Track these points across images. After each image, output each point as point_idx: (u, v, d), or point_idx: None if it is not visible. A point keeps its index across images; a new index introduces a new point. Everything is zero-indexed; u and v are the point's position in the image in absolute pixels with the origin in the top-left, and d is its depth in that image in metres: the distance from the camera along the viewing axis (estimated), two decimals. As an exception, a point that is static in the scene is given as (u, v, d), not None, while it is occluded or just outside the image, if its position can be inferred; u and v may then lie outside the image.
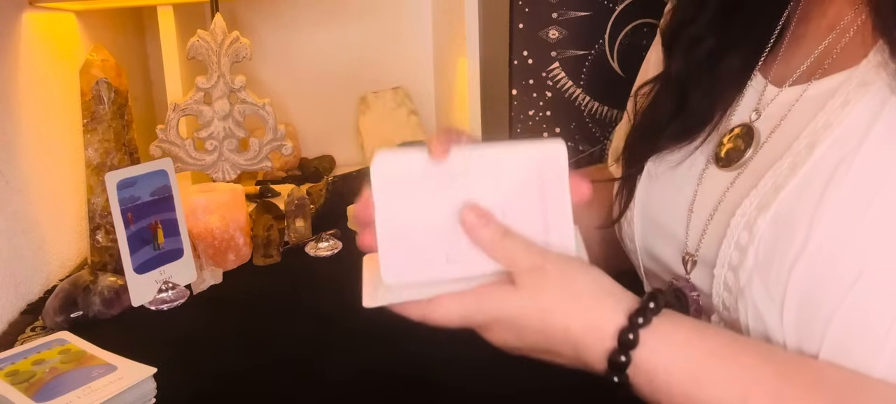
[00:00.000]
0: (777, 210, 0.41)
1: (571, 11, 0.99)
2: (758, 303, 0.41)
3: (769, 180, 0.42)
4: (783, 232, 0.40)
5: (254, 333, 0.71)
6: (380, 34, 1.43)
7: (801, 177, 0.40)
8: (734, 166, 0.47)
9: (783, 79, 0.48)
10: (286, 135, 0.97)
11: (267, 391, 0.61)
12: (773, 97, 0.48)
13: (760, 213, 0.42)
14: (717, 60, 0.51)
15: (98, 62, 0.80)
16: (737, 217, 0.43)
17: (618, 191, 0.57)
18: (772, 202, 0.41)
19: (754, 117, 0.48)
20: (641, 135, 0.56)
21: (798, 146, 0.42)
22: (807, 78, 0.46)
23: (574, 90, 1.02)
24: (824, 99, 0.42)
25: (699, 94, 0.52)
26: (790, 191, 0.41)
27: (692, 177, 0.50)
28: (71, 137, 0.94)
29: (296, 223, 0.94)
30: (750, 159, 0.46)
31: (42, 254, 0.85)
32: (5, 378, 0.57)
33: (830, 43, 0.46)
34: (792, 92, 0.46)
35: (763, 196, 0.42)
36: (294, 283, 0.84)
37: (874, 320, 0.36)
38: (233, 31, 0.93)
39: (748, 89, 0.50)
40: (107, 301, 0.74)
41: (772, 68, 0.50)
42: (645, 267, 0.55)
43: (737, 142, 0.48)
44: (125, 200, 0.74)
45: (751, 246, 0.42)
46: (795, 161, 0.41)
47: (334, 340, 0.68)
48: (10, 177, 0.79)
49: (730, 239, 0.43)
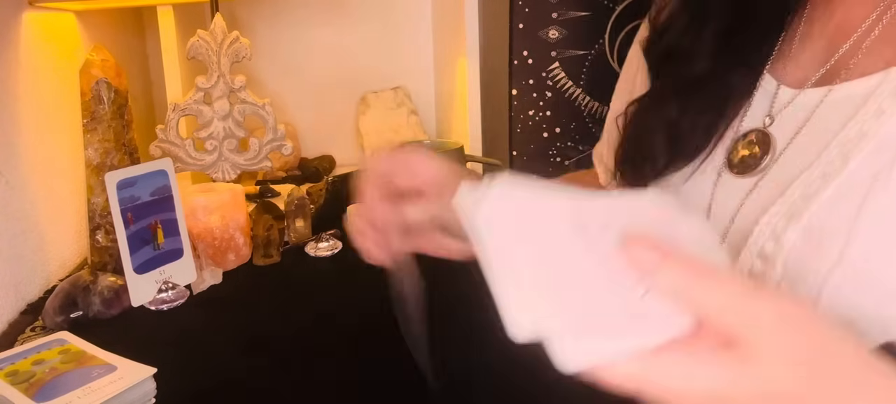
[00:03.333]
0: (809, 221, 0.40)
1: (571, 11, 0.99)
2: None
3: (797, 189, 0.41)
4: (816, 244, 0.39)
5: (254, 333, 0.71)
6: (380, 34, 1.43)
7: (836, 188, 0.39)
8: (752, 173, 0.45)
9: (797, 80, 0.47)
10: (286, 135, 0.97)
11: (267, 391, 0.61)
12: (788, 100, 0.46)
13: (789, 223, 0.41)
14: (720, 80, 0.49)
15: (98, 62, 0.80)
16: (761, 225, 0.42)
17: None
18: (802, 212, 0.40)
19: (768, 123, 0.46)
20: (635, 156, 0.54)
21: (829, 155, 0.41)
22: (827, 81, 0.44)
23: (574, 90, 1.02)
24: (852, 104, 0.41)
25: (699, 112, 0.50)
26: (824, 202, 0.39)
27: (704, 187, 0.49)
28: (71, 137, 0.94)
29: (296, 223, 0.94)
30: (769, 166, 0.45)
31: (42, 254, 0.85)
32: (5, 378, 0.57)
33: (853, 44, 0.44)
34: (811, 95, 0.45)
35: (791, 205, 0.41)
36: (294, 283, 0.84)
37: None
38: (233, 31, 0.93)
39: (757, 93, 0.49)
40: (107, 301, 0.74)
41: (781, 69, 0.48)
42: None
43: (752, 149, 0.46)
44: (125, 200, 0.74)
45: (779, 256, 0.41)
46: (827, 171, 0.40)
47: (334, 340, 0.68)
48: (10, 177, 0.79)
49: (752, 247, 0.42)
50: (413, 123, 1.42)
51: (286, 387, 0.61)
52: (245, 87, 0.95)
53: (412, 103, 1.44)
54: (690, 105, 0.50)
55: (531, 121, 1.03)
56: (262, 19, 1.38)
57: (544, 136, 1.03)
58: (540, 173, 1.05)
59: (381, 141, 1.41)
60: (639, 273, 0.31)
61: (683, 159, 0.50)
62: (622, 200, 0.34)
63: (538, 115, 1.03)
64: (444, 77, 1.38)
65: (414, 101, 1.45)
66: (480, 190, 0.32)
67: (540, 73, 1.01)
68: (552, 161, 1.04)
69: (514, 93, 1.02)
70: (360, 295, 0.80)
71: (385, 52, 1.44)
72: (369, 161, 0.49)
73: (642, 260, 0.30)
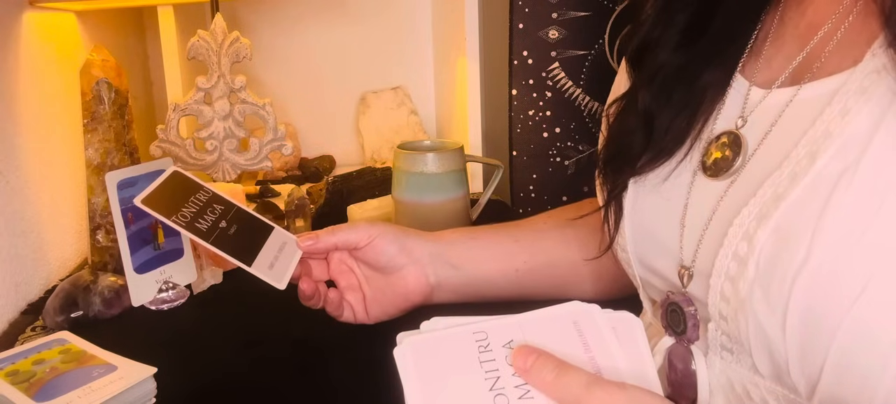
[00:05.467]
0: (778, 221, 0.40)
1: (571, 11, 0.99)
2: (759, 315, 0.40)
3: (768, 190, 0.41)
4: (784, 243, 0.39)
5: (254, 333, 0.71)
6: (380, 34, 1.43)
7: (804, 187, 0.39)
8: (725, 175, 0.46)
9: (767, 81, 0.47)
10: (286, 135, 0.97)
11: (267, 390, 0.61)
12: (759, 100, 0.46)
13: (760, 224, 0.41)
14: (693, 77, 0.50)
15: (98, 62, 0.80)
16: (735, 227, 0.42)
17: (605, 214, 0.55)
18: (772, 213, 0.40)
19: (740, 124, 0.46)
20: (615, 155, 0.54)
21: (797, 154, 0.41)
22: (795, 80, 0.45)
23: (574, 90, 1.02)
24: (819, 103, 0.41)
25: (673, 112, 0.50)
26: (792, 202, 0.40)
27: (681, 188, 0.49)
28: (71, 137, 0.94)
29: (296, 223, 0.94)
30: (741, 167, 0.45)
31: (42, 254, 0.86)
32: (5, 378, 0.57)
33: (818, 43, 0.44)
34: (780, 95, 0.45)
35: (762, 206, 0.41)
36: (294, 283, 0.84)
37: (879, 334, 0.36)
38: (233, 32, 0.93)
39: (730, 93, 0.49)
40: (107, 301, 0.74)
41: (753, 70, 0.49)
42: (640, 276, 0.54)
43: (724, 151, 0.46)
44: (125, 200, 0.74)
45: (751, 257, 0.41)
46: (796, 170, 0.40)
47: (334, 340, 0.68)
48: (10, 177, 0.79)
49: (727, 249, 0.42)
50: (413, 123, 1.42)
51: (286, 387, 0.61)
52: (245, 87, 0.95)
53: (412, 103, 1.44)
54: (665, 103, 0.50)
55: (531, 121, 1.03)
56: (262, 19, 1.38)
57: (544, 136, 1.03)
58: (540, 173, 1.05)
59: (381, 141, 1.41)
60: (521, 376, 0.38)
61: (661, 157, 0.50)
62: (532, 315, 0.42)
63: (538, 115, 1.03)
64: (444, 77, 1.38)
65: (414, 101, 1.45)
66: (407, 334, 0.41)
67: (540, 73, 1.01)
68: (552, 161, 1.04)
69: (514, 93, 1.02)
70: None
71: (385, 52, 1.44)
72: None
73: (521, 364, 0.38)
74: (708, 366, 0.47)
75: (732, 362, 0.45)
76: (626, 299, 0.55)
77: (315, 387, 0.61)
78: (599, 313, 0.42)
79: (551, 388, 0.37)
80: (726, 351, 0.45)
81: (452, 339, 0.41)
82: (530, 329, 0.41)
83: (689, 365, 0.47)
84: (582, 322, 0.41)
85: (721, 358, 0.46)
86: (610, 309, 0.42)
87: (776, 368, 0.41)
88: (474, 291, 0.71)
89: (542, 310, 0.42)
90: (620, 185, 0.53)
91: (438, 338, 0.41)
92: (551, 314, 0.42)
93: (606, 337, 0.40)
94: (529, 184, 1.06)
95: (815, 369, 0.38)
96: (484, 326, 0.41)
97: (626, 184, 0.52)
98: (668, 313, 0.49)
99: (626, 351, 0.40)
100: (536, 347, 0.39)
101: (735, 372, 0.45)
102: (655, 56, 0.51)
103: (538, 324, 0.41)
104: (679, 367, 0.48)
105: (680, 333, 0.48)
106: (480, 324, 0.41)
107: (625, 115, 0.54)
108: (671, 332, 0.49)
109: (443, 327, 0.42)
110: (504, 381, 0.38)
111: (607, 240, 0.56)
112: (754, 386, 0.44)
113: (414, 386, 0.39)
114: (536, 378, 0.38)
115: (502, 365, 0.39)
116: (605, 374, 0.39)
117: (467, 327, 0.41)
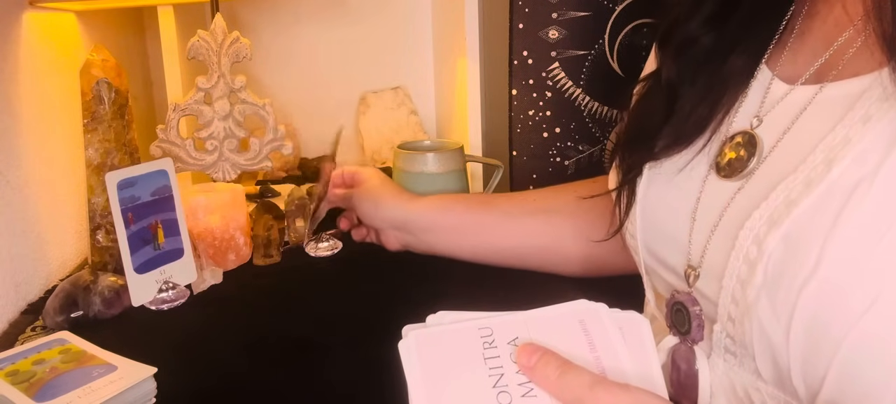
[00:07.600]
0: (789, 228, 0.39)
1: (571, 11, 0.99)
2: (763, 321, 0.40)
3: (781, 194, 0.41)
4: (794, 251, 0.39)
5: (254, 333, 0.71)
6: (380, 34, 1.43)
7: (818, 195, 0.38)
8: (737, 176, 0.45)
9: (792, 76, 0.46)
10: (286, 135, 0.97)
11: (267, 391, 0.61)
12: (781, 96, 0.45)
13: (771, 229, 0.40)
14: (719, 61, 0.49)
15: (98, 62, 0.80)
16: (746, 229, 0.42)
17: (617, 197, 0.55)
18: (783, 219, 0.39)
19: (755, 124, 0.46)
20: (635, 136, 0.54)
21: (814, 160, 0.40)
22: (820, 78, 0.44)
23: (574, 90, 1.02)
24: (841, 105, 0.40)
25: (696, 98, 0.49)
26: (804, 209, 0.39)
27: (695, 181, 0.48)
28: (71, 137, 0.94)
29: (296, 223, 0.94)
30: (755, 169, 0.44)
31: (42, 254, 0.85)
32: (5, 378, 0.57)
33: (845, 41, 0.43)
34: (803, 92, 0.44)
35: (774, 211, 0.40)
36: (294, 283, 0.84)
37: (885, 349, 0.35)
38: (233, 32, 0.93)
39: (753, 85, 0.48)
40: (107, 301, 0.74)
41: (777, 62, 0.48)
42: (646, 264, 0.54)
43: (739, 151, 0.46)
44: (125, 200, 0.74)
45: (759, 262, 0.40)
46: (811, 177, 0.39)
47: (334, 340, 0.68)
48: (9, 176, 0.79)
49: (739, 251, 0.42)
50: (413, 123, 1.42)
51: (286, 387, 0.61)
52: (245, 87, 0.95)
53: (412, 103, 1.44)
54: (690, 83, 0.50)
55: (531, 121, 1.03)
56: (263, 19, 1.38)
57: (544, 136, 1.03)
58: (540, 173, 1.05)
59: (381, 141, 1.41)
60: (525, 373, 0.38)
61: (680, 143, 0.50)
62: (538, 313, 0.42)
63: (538, 115, 1.03)
64: (444, 77, 1.38)
65: (414, 101, 1.45)
66: (413, 327, 0.41)
67: (540, 73, 1.01)
68: (552, 161, 1.04)
69: (514, 93, 1.02)
70: (360, 295, 0.80)
71: (385, 52, 1.44)
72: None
73: (525, 362, 0.38)
74: (710, 368, 0.47)
75: (735, 365, 0.45)
76: (629, 296, 0.54)
77: (315, 387, 0.61)
78: (606, 312, 0.42)
79: (554, 387, 0.37)
80: (729, 354, 0.45)
81: (457, 334, 0.41)
82: (536, 327, 0.41)
83: (692, 366, 0.47)
84: (588, 321, 0.41)
85: (724, 360, 0.46)
86: (617, 309, 0.42)
87: (779, 374, 0.41)
88: (446, 254, 0.83)
89: (549, 308, 0.42)
90: (636, 169, 0.52)
91: (443, 333, 0.41)
92: (557, 312, 0.42)
93: (612, 337, 0.41)
94: (529, 184, 1.06)
95: (816, 378, 0.38)
96: (489, 322, 0.42)
97: (641, 168, 0.52)
98: (672, 312, 0.49)
99: (631, 352, 0.40)
100: (541, 345, 0.39)
101: (737, 375, 0.45)
102: (683, 30, 0.51)
103: (544, 322, 0.41)
104: (683, 368, 0.48)
105: (684, 333, 0.48)
106: (486, 321, 0.42)
107: (648, 97, 0.54)
108: (675, 331, 0.49)
109: (448, 322, 0.42)
110: (508, 378, 0.39)
111: (617, 223, 0.55)
112: (756, 391, 0.43)
113: (417, 380, 0.39)
114: (540, 376, 0.38)
115: (506, 362, 0.39)
116: (609, 375, 0.39)
117: (473, 323, 0.42)
